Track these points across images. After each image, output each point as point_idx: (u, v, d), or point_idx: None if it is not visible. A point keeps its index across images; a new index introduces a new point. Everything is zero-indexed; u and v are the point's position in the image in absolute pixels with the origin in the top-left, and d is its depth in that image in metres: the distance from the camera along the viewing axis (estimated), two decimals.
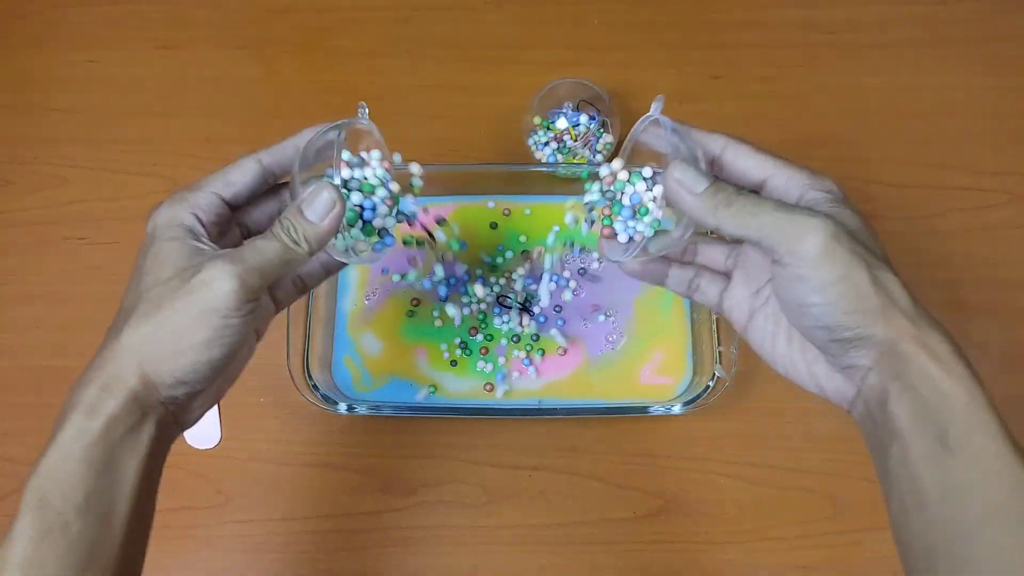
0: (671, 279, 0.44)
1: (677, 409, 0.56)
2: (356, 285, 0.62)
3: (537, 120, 0.64)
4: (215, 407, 0.60)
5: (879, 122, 0.69)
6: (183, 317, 0.35)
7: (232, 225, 0.42)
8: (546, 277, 0.60)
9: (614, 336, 0.60)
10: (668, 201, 0.39)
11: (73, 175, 0.67)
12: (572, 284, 0.62)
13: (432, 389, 0.59)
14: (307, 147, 0.41)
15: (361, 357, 0.60)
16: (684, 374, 0.60)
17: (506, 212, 0.64)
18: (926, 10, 0.73)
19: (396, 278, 0.62)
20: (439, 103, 0.70)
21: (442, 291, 0.61)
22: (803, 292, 0.36)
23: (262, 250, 0.36)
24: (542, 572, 0.56)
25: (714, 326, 0.57)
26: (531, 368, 0.60)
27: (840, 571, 0.56)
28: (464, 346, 0.60)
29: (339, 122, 0.42)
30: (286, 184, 0.44)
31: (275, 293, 0.44)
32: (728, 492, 0.58)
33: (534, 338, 0.60)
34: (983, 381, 0.35)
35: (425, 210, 0.59)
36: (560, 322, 0.61)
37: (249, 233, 0.43)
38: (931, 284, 0.63)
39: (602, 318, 0.61)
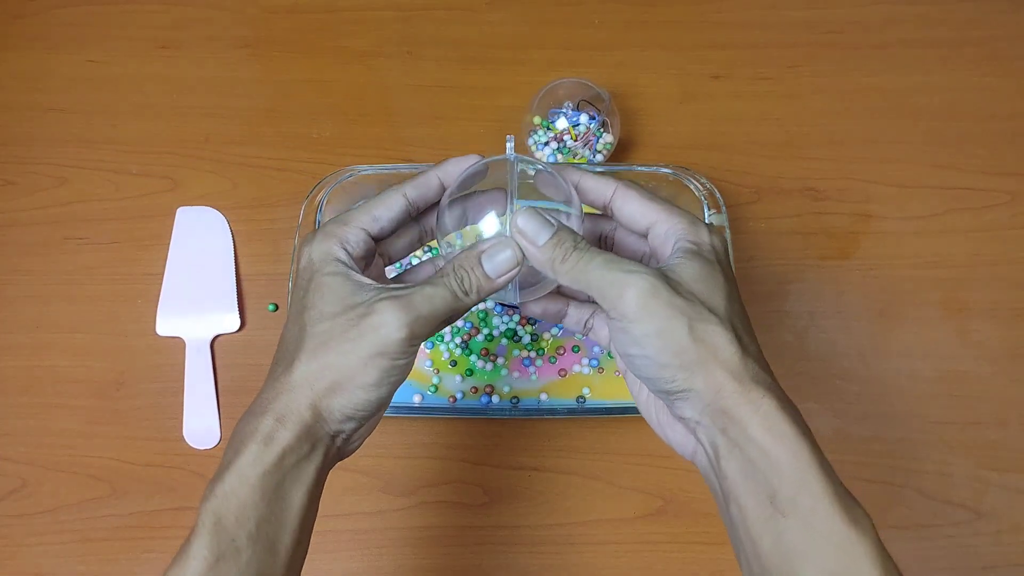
0: (569, 318, 0.44)
1: None
2: None
3: (537, 120, 0.64)
4: (216, 409, 0.60)
5: (878, 122, 0.69)
6: (354, 358, 0.36)
7: (375, 255, 0.42)
8: None
9: None
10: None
11: (73, 175, 0.67)
12: None
13: (432, 389, 0.59)
14: (458, 181, 0.41)
15: None
16: None
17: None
18: (926, 10, 0.73)
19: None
20: (439, 103, 0.70)
21: None
22: (624, 344, 0.36)
23: (431, 298, 0.37)
24: (542, 572, 0.56)
25: None
26: (531, 368, 0.60)
27: None
28: (464, 346, 0.60)
29: (488, 159, 0.42)
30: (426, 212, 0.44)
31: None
32: None
33: (534, 338, 0.60)
34: (812, 435, 0.34)
35: None
36: None
37: (388, 260, 0.44)
38: (931, 284, 0.63)
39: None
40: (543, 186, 0.42)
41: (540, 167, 0.42)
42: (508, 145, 0.42)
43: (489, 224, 0.40)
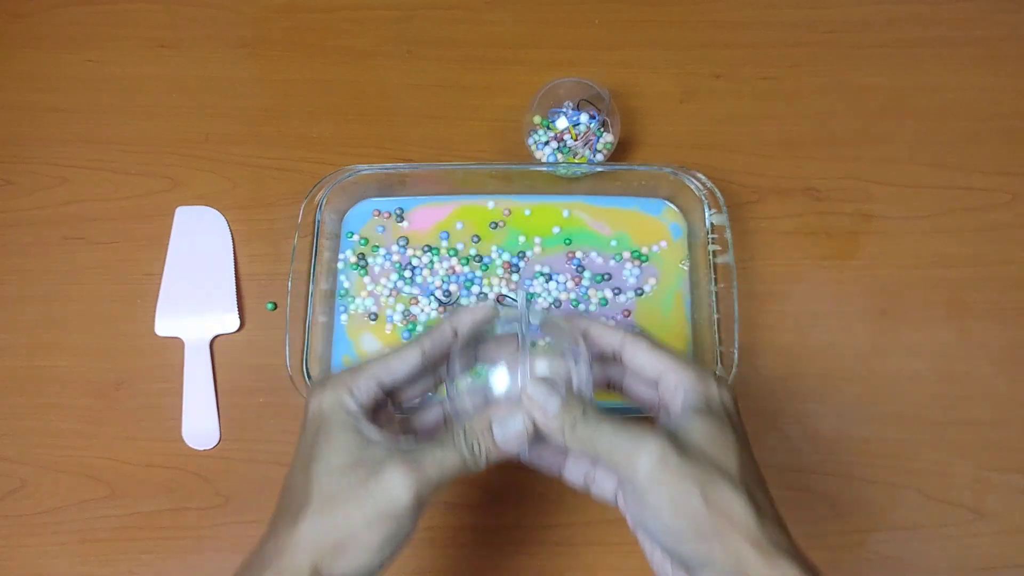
0: (567, 470, 0.43)
1: None
2: (355, 285, 0.62)
3: (537, 120, 0.64)
4: (215, 409, 0.60)
5: (879, 122, 0.69)
6: (359, 518, 0.35)
7: (386, 401, 0.42)
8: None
9: None
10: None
11: (73, 175, 0.67)
12: (570, 284, 0.62)
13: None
14: (468, 333, 0.42)
15: (360, 358, 0.60)
16: None
17: (506, 212, 0.64)
18: (926, 10, 0.73)
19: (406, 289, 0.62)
20: (439, 102, 0.70)
21: (442, 292, 0.61)
22: (638, 512, 0.36)
23: (441, 462, 0.37)
24: (542, 573, 0.56)
25: (715, 327, 0.57)
26: None
27: (840, 571, 0.56)
28: None
29: (498, 307, 0.43)
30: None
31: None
32: None
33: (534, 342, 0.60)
34: None
35: None
36: None
37: (399, 407, 0.44)
38: (932, 284, 0.63)
39: (603, 319, 0.61)
40: (550, 331, 0.42)
41: (549, 317, 0.42)
42: (519, 295, 0.42)
43: (500, 379, 0.40)
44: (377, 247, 0.63)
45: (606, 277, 0.62)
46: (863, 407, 0.60)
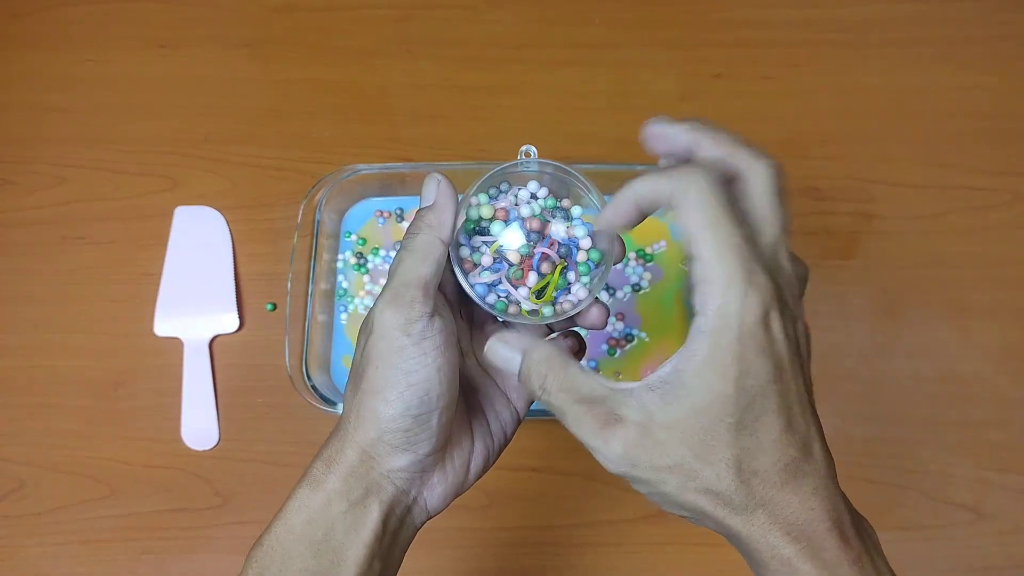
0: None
1: None
2: (354, 285, 0.62)
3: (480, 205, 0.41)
4: (215, 409, 0.60)
5: (879, 122, 0.69)
6: (371, 373, 0.33)
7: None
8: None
9: (615, 336, 0.60)
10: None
11: (72, 175, 0.67)
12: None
13: None
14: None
15: None
16: None
17: None
18: (926, 9, 0.72)
19: None
20: (439, 102, 0.69)
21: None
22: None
23: (400, 262, 0.34)
24: (543, 574, 0.56)
25: None
26: None
27: None
28: None
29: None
30: None
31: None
32: None
33: None
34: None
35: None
36: None
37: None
38: (933, 284, 0.63)
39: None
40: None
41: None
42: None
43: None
44: (376, 247, 0.63)
45: None
46: (865, 407, 0.60)
